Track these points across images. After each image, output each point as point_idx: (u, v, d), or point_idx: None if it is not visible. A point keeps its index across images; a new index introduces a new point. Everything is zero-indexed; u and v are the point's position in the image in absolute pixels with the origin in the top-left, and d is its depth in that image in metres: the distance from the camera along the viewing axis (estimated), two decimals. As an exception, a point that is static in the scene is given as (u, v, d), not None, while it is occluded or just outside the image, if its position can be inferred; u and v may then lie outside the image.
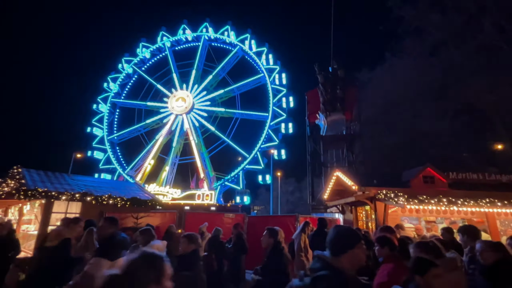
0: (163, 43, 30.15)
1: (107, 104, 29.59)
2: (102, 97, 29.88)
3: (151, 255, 1.43)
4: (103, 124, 29.09)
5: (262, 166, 23.90)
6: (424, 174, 9.77)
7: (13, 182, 9.30)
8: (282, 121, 23.86)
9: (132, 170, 28.02)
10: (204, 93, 28.38)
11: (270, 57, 25.69)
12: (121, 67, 30.57)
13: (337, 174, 11.67)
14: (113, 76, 30.48)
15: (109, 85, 30.09)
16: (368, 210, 10.38)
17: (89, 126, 28.86)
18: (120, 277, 1.32)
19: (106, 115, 29.38)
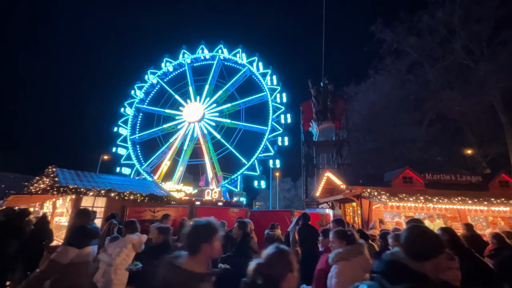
0: (184, 59, 30.66)
1: (132, 108, 30.25)
2: (129, 102, 30.58)
3: (285, 250, 1.53)
4: (127, 125, 29.75)
5: (258, 173, 24.57)
6: (404, 175, 9.63)
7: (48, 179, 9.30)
8: (279, 135, 24.44)
9: (148, 166, 28.36)
10: (214, 105, 28.86)
11: (274, 78, 26.27)
12: (146, 78, 31.19)
13: (328, 175, 11.58)
14: (139, 84, 31.14)
15: (136, 92, 30.78)
16: (354, 206, 10.27)
17: (115, 126, 29.51)
18: (263, 265, 1.45)
19: (131, 117, 30.06)
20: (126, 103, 30.46)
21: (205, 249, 1.64)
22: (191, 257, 1.64)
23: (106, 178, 11.26)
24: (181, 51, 30.87)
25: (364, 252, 2.70)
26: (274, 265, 1.43)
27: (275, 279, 1.39)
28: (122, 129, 29.53)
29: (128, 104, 30.46)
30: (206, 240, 1.65)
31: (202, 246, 1.64)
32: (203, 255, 1.65)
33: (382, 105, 24.44)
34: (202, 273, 1.60)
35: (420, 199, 8.00)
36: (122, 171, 27.78)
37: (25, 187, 11.32)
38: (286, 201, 44.11)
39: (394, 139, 23.20)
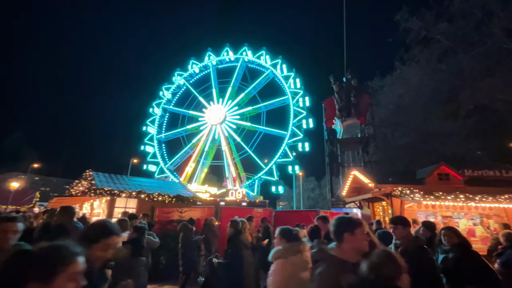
0: (209, 61, 31.42)
1: (159, 109, 31.69)
2: (157, 103, 32.11)
3: (391, 253, 1.63)
4: (155, 125, 31.19)
5: (275, 178, 24.29)
6: (439, 171, 8.93)
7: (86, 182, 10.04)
8: (299, 140, 23.86)
9: (171, 165, 29.61)
10: (236, 108, 29.22)
11: (297, 81, 25.81)
12: (174, 79, 32.44)
13: (354, 173, 11.14)
14: (166, 86, 32.55)
15: (163, 93, 32.21)
16: (384, 205, 9.76)
17: (144, 125, 31.12)
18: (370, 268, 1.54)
19: (158, 117, 31.50)
20: (154, 103, 32.05)
21: (348, 238, 1.77)
22: (338, 246, 1.81)
23: (137, 180, 11.87)
24: (207, 53, 31.68)
25: (303, 251, 2.68)
26: (386, 265, 1.53)
27: (388, 277, 1.49)
28: (150, 128, 31.10)
29: (156, 104, 32.01)
30: (349, 229, 1.78)
31: (346, 235, 1.77)
32: (347, 244, 1.77)
33: (411, 98, 22.94)
34: (348, 261, 1.70)
35: (460, 198, 7.36)
36: (148, 168, 29.31)
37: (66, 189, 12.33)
38: (310, 201, 43.28)
39: (425, 134, 21.65)
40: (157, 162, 29.73)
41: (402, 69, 24.61)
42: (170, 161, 30.03)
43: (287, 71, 26.74)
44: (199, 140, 29.57)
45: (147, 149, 30.17)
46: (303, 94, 25.08)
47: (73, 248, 1.07)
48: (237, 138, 27.69)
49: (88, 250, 1.55)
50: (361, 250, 1.77)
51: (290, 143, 24.26)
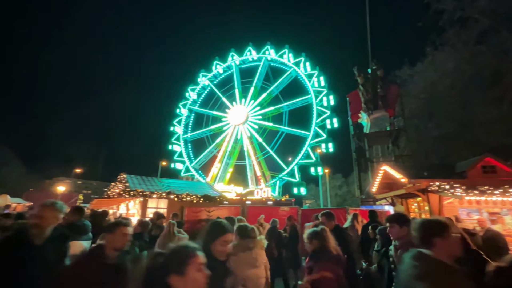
0: (233, 61, 31.88)
1: (185, 109, 33.06)
2: (183, 103, 33.54)
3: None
4: (181, 125, 32.59)
5: (297, 179, 23.95)
6: (483, 163, 8.10)
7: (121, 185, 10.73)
8: (322, 141, 23.20)
9: (197, 164, 30.69)
10: (258, 108, 29.31)
11: (321, 79, 25.08)
12: (199, 80, 33.57)
13: (385, 168, 10.55)
14: (192, 87, 33.80)
15: (189, 94, 33.52)
16: (420, 201, 9.11)
17: (171, 125, 32.72)
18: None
19: (184, 118, 32.88)
20: (180, 104, 33.51)
21: (440, 243, 1.67)
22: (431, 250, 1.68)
23: (166, 181, 12.43)
24: (230, 53, 32.20)
25: (253, 248, 2.61)
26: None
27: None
28: (177, 128, 32.58)
29: (182, 105, 33.44)
30: (440, 234, 1.69)
31: (436, 240, 1.67)
32: (439, 249, 1.65)
33: (446, 85, 21.10)
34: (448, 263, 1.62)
35: (509, 192, 6.61)
36: (175, 166, 30.69)
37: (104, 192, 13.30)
38: (338, 199, 41.95)
39: (465, 123, 19.79)
40: (184, 161, 31.05)
41: (434, 55, 22.74)
42: (195, 160, 31.20)
43: (310, 68, 26.07)
44: (223, 140, 30.22)
45: (174, 148, 31.68)
46: (327, 93, 24.29)
47: (193, 245, 1.30)
48: (258, 139, 27.76)
49: (212, 246, 1.81)
50: (455, 255, 1.62)
51: (312, 143, 23.74)
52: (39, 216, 2.01)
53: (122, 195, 9.97)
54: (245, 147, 28.51)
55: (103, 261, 1.97)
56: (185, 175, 30.47)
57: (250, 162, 28.05)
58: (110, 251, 2.01)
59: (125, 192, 9.74)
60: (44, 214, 2.02)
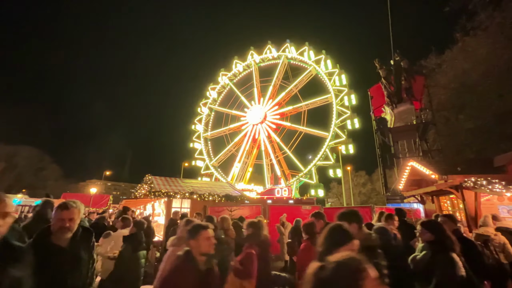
0: (252, 60, 31.98)
1: (206, 108, 33.88)
2: (203, 102, 34.38)
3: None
4: (202, 123, 33.38)
5: (314, 180, 23.41)
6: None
7: (146, 186, 11.22)
8: (342, 143, 22.56)
9: (216, 162, 31.28)
10: (276, 107, 29.15)
11: (343, 77, 24.21)
12: (219, 79, 34.07)
13: (412, 164, 9.99)
14: (212, 86, 34.44)
15: (209, 93, 34.21)
16: (453, 199, 8.51)
17: (192, 124, 33.75)
18: None
19: (204, 116, 33.71)
20: (201, 103, 34.37)
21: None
22: None
23: (189, 182, 12.79)
24: (249, 52, 32.30)
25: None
26: None
27: None
28: (198, 126, 33.49)
29: (202, 104, 34.31)
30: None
31: None
32: None
33: (479, 73, 19.47)
34: None
35: (557, 187, 5.96)
36: (196, 164, 31.70)
37: (132, 193, 13.99)
38: (362, 197, 40.54)
39: (502, 113, 18.16)
40: (204, 159, 31.86)
41: (465, 41, 21.10)
42: (214, 158, 31.86)
43: (331, 66, 25.28)
44: (242, 140, 30.48)
45: (195, 146, 32.62)
46: (348, 92, 23.47)
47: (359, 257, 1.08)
48: (276, 138, 27.60)
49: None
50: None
51: (332, 145, 23.19)
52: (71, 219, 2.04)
53: (148, 195, 10.42)
54: (262, 147, 28.54)
55: (197, 267, 1.98)
56: (205, 172, 31.21)
57: (267, 162, 28.04)
58: (198, 257, 2.02)
59: (150, 193, 10.17)
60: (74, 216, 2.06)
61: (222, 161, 31.89)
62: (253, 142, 30.04)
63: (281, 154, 27.49)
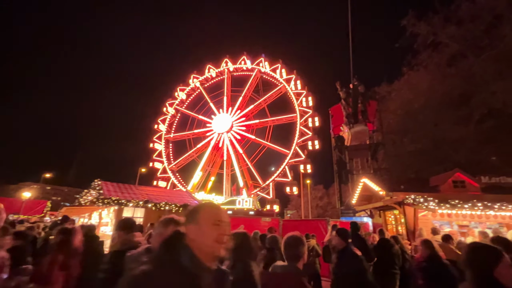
0: (227, 67, 31.74)
1: (172, 108, 32.46)
2: (170, 102, 32.96)
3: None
4: (165, 124, 32.04)
5: (271, 196, 24.27)
6: (454, 178, 8.60)
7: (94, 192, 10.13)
8: (301, 162, 23.53)
9: (175, 166, 30.01)
10: (243, 118, 29.35)
11: (309, 99, 25.33)
12: (190, 81, 33.20)
13: (364, 181, 10.86)
14: (181, 87, 33.39)
15: (178, 94, 33.08)
16: (397, 214, 9.41)
17: (155, 124, 32.09)
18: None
19: (169, 117, 32.24)
20: (167, 102, 32.90)
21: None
22: None
23: (144, 189, 11.90)
24: (224, 59, 32.19)
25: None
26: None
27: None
28: (161, 126, 31.84)
29: (169, 103, 32.83)
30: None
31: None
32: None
33: (420, 104, 22.52)
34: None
35: (477, 206, 7.03)
36: (154, 165, 29.93)
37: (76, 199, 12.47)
38: (319, 210, 42.44)
39: (437, 140, 21.08)
40: (162, 161, 30.30)
41: (410, 74, 24.33)
42: (174, 161, 30.55)
43: (300, 87, 26.41)
44: (205, 147, 29.84)
45: (155, 147, 30.92)
46: (313, 114, 24.68)
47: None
48: (240, 149, 27.69)
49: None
50: None
51: (291, 162, 24.04)
52: None
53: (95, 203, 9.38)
54: (225, 156, 28.27)
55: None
56: (161, 175, 29.54)
57: (228, 172, 27.91)
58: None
59: (98, 200, 9.18)
60: None
61: (181, 166, 30.71)
62: (216, 150, 29.58)
63: (245, 165, 27.55)
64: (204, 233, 1.15)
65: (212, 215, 1.20)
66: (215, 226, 1.17)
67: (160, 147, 30.88)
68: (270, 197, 24.20)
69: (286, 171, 24.05)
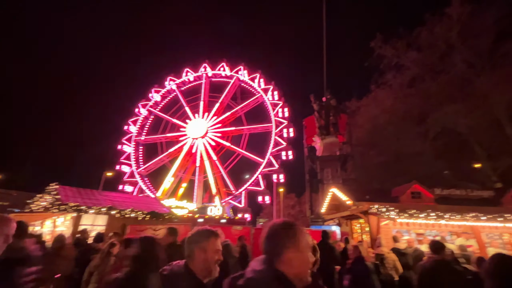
0: (205, 73, 31.42)
1: (145, 110, 31.51)
2: (143, 103, 31.81)
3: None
4: (136, 125, 30.62)
5: (242, 204, 24.17)
6: (412, 190, 9.36)
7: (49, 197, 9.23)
8: (274, 171, 23.92)
9: (144, 170, 28.71)
10: (219, 125, 29.12)
11: (285, 110, 25.90)
12: (166, 83, 32.38)
13: (333, 190, 11.32)
14: (157, 88, 32.42)
15: (152, 95, 32.05)
16: (362, 223, 9.91)
17: (126, 125, 30.64)
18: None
19: (141, 119, 31.18)
20: (140, 103, 31.63)
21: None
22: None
23: (108, 195, 11.14)
24: (203, 64, 31.82)
25: None
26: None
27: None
28: (131, 127, 30.47)
29: (141, 104, 31.60)
30: None
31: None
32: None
33: (385, 119, 24.36)
34: None
35: (431, 216, 7.69)
36: (121, 168, 28.43)
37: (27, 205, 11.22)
38: (290, 218, 43.04)
39: (399, 153, 22.84)
40: (130, 164, 28.86)
41: (377, 92, 26.29)
42: (144, 165, 29.23)
43: (277, 98, 27.01)
44: (178, 152, 28.93)
45: (124, 149, 29.38)
46: (288, 125, 25.24)
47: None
48: (214, 156, 27.38)
49: None
50: None
51: (265, 171, 24.30)
52: None
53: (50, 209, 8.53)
54: (198, 162, 27.66)
55: None
56: (128, 180, 27.94)
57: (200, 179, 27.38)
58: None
59: (53, 206, 8.37)
60: None
61: (151, 171, 29.40)
62: (189, 156, 28.85)
63: (218, 172, 27.19)
64: (304, 262, 1.01)
65: (309, 240, 1.08)
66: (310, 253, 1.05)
67: (129, 150, 29.42)
68: (242, 206, 24.03)
69: (259, 180, 24.16)
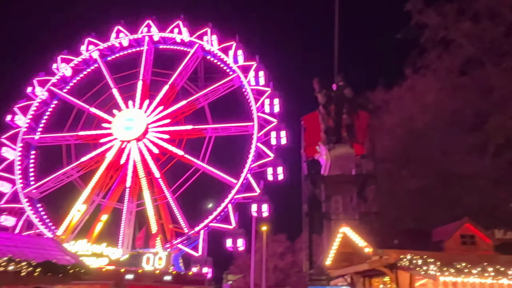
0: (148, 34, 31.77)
1: (43, 89, 31.12)
2: (41, 79, 31.37)
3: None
4: (27, 115, 30.15)
5: (199, 252, 24.45)
6: (462, 231, 9.82)
7: None
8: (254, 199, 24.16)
9: (36, 191, 28.37)
10: (167, 120, 29.26)
11: (274, 102, 26.26)
12: (83, 48, 32.45)
13: (344, 231, 11.56)
14: (66, 56, 32.46)
15: (58, 66, 32.13)
16: (387, 282, 10.18)
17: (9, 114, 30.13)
18: None
19: (36, 104, 30.65)
20: (36, 79, 30.85)
21: None
22: None
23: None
24: (146, 21, 31.71)
25: None
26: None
27: None
28: (18, 118, 29.74)
29: (39, 81, 30.85)
30: None
31: None
32: None
33: (426, 121, 25.32)
34: None
35: (488, 272, 8.08)
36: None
37: None
38: (278, 274, 43.15)
39: (444, 175, 23.73)
40: (13, 180, 28.19)
41: (414, 79, 27.39)
42: (36, 183, 28.48)
43: (263, 82, 27.00)
44: (97, 162, 28.32)
45: (2, 153, 28.82)
46: (278, 126, 25.33)
47: None
48: (156, 171, 26.99)
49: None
50: None
51: (239, 198, 24.47)
52: None
53: None
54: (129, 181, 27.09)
55: None
56: (7, 205, 27.03)
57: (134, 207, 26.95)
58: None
59: None
60: None
61: (49, 191, 28.83)
62: (115, 170, 28.30)
63: (163, 198, 26.79)
64: None
65: None
66: None
67: (12, 155, 28.69)
68: (200, 254, 23.68)
69: (229, 212, 24.05)
